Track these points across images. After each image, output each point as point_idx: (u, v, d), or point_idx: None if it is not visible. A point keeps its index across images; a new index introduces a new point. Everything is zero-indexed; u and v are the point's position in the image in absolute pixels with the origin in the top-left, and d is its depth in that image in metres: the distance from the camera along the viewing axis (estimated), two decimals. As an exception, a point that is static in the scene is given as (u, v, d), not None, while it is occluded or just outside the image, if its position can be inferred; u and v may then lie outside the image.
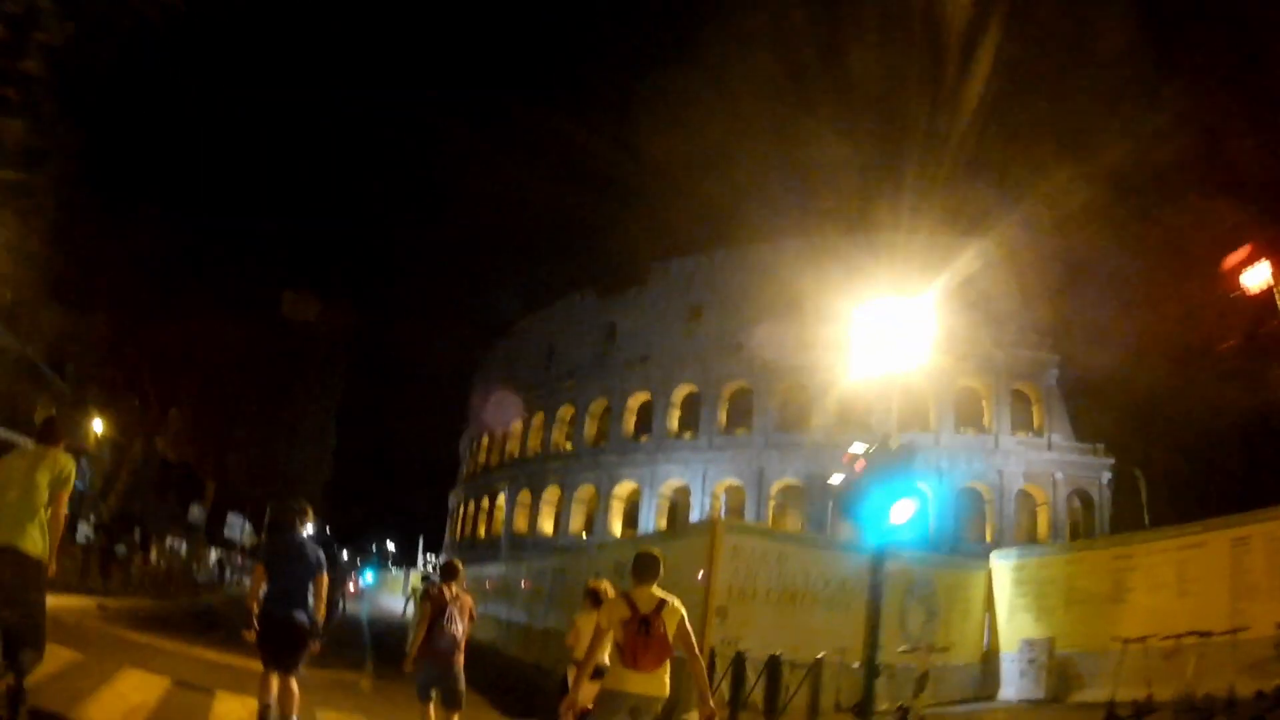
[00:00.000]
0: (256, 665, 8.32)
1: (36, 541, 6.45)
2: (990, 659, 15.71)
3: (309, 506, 9.09)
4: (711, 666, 11.68)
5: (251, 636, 7.95)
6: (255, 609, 8.03)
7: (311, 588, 8.24)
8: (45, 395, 30.84)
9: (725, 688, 11.64)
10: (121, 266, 25.57)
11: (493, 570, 32.02)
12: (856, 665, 11.36)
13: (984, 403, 44.97)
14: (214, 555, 47.74)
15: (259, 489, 43.09)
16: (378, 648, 21.58)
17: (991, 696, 14.97)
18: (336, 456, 53.21)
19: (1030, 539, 40.97)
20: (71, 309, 25.74)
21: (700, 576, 12.80)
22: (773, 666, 11.04)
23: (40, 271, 23.89)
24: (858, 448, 9.88)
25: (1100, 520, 43.12)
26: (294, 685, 8.00)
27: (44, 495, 6.53)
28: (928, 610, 14.76)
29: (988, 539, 40.59)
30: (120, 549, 25.97)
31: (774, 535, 15.27)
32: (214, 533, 48.87)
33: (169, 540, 43.69)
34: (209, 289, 28.98)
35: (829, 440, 44.43)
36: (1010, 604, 15.69)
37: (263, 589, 8.17)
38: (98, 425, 31.24)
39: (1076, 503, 44.52)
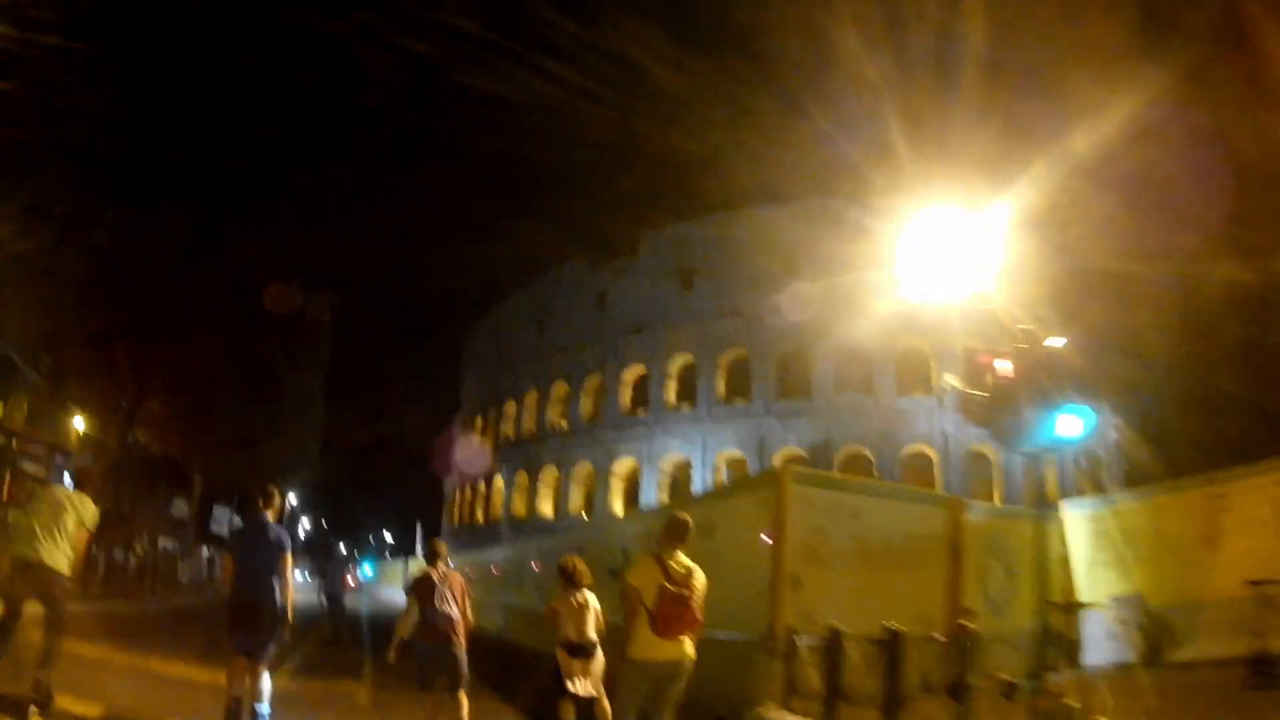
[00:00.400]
0: (224, 679, 8.04)
1: (59, 559, 7.90)
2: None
3: (274, 489, 9.06)
4: (791, 649, 9.81)
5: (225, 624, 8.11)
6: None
7: (277, 571, 8.29)
8: (19, 390, 29.18)
9: (813, 676, 9.70)
10: (93, 252, 23.90)
11: (497, 554, 30.45)
12: (943, 637, 9.78)
13: (986, 363, 43.44)
14: (205, 552, 46.18)
15: (245, 480, 41.47)
16: (378, 648, 19.68)
17: (1074, 663, 13.25)
18: (327, 446, 51.64)
19: (1039, 501, 39.70)
20: (44, 298, 24.01)
21: (765, 539, 10.83)
22: (893, 644, 9.05)
23: (8, 260, 22.29)
24: (1004, 348, 8.28)
25: (1111, 478, 41.93)
26: (265, 674, 8.09)
27: (69, 527, 8.02)
28: (1005, 567, 12.97)
29: (997, 502, 39.27)
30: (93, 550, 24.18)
31: (847, 485, 13.09)
32: (202, 528, 47.32)
33: (161, 540, 42.06)
34: (181, 271, 27.31)
35: (829, 406, 43.54)
36: (1089, 558, 13.99)
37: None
38: (78, 422, 29.51)
39: (1084, 463, 43.28)
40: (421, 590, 8.58)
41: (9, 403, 28.89)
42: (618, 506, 49.41)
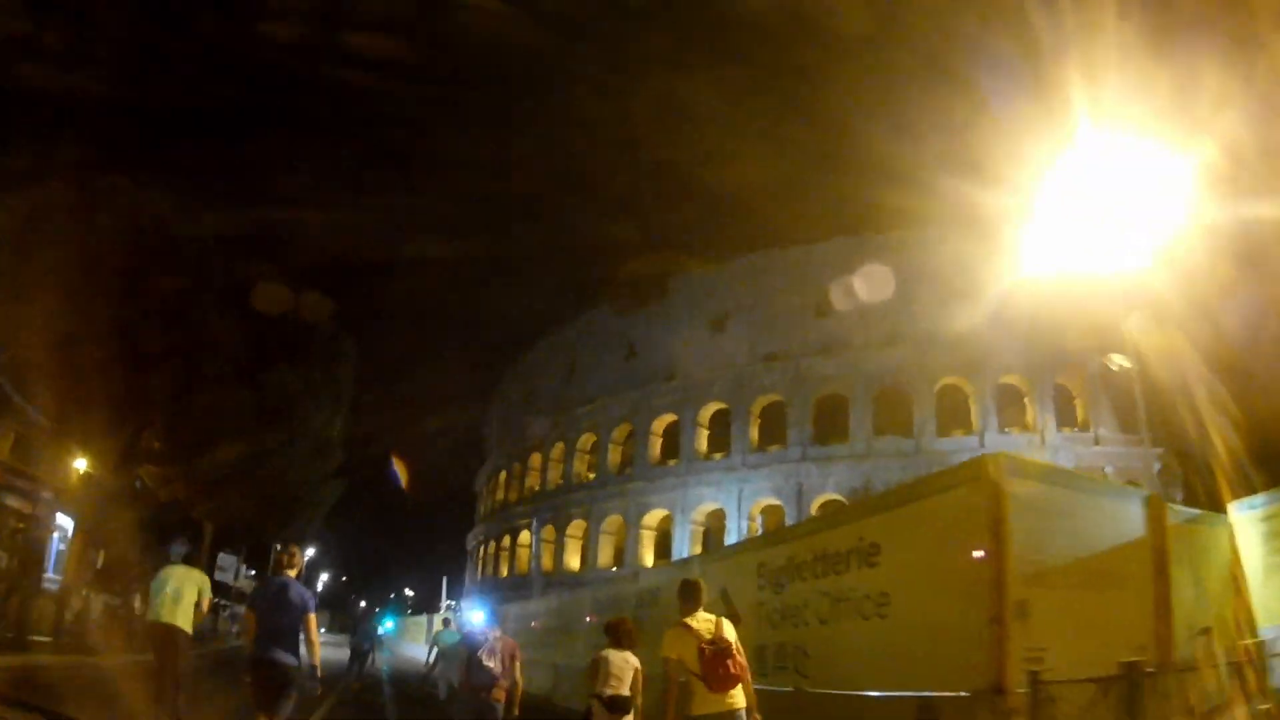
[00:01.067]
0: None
1: (182, 619, 10.28)
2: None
3: (296, 549, 9.22)
4: (1040, 702, 7.20)
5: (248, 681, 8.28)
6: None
7: (302, 630, 8.43)
8: (6, 420, 27.77)
9: None
10: (94, 275, 22.41)
11: (535, 609, 28.53)
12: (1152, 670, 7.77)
13: (1026, 399, 42.24)
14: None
15: (254, 526, 39.85)
16: (400, 703, 17.61)
17: (1262, 690, 10.79)
18: (346, 498, 50.11)
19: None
20: (43, 331, 22.43)
21: (978, 556, 8.03)
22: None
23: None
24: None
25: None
26: None
27: (191, 597, 10.42)
28: (1194, 579, 10.56)
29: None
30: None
31: (1061, 477, 9.73)
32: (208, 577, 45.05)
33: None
34: (190, 308, 25.92)
35: (868, 449, 42.26)
36: (1264, 564, 11.73)
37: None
38: (80, 464, 27.90)
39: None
40: (472, 645, 9.50)
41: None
42: (648, 559, 47.85)
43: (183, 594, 10.39)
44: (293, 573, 8.79)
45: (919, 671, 8.10)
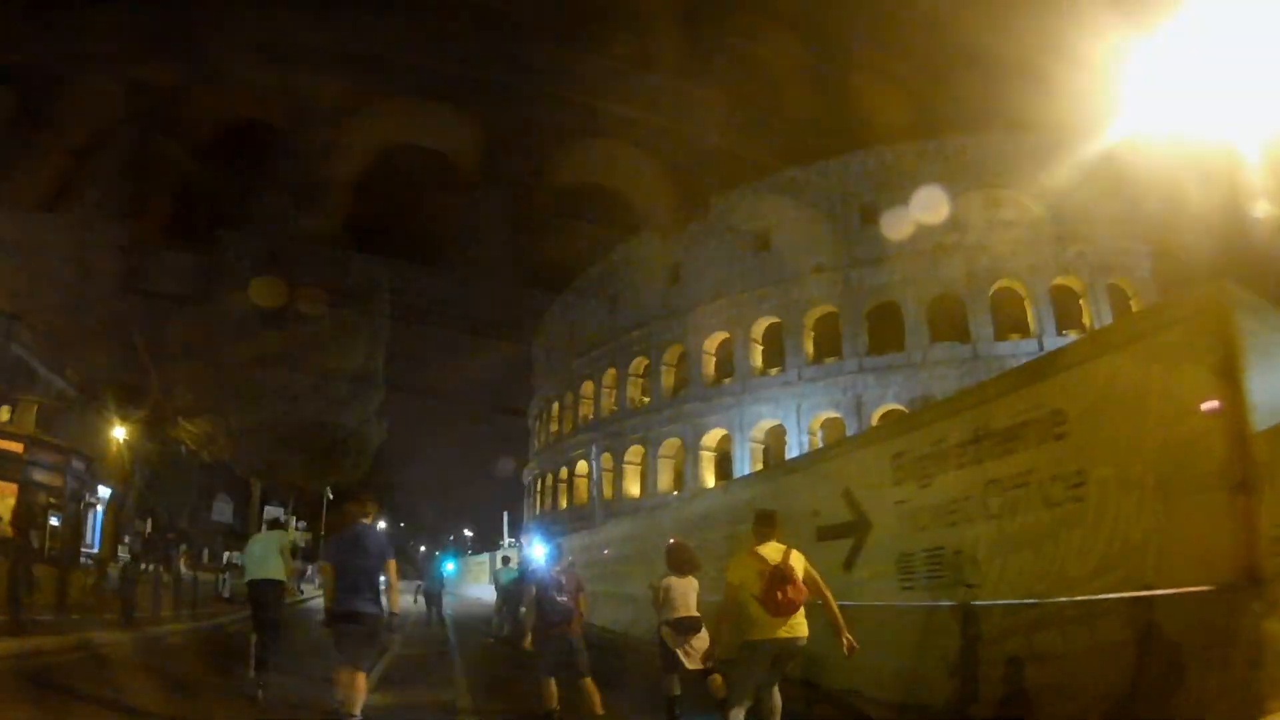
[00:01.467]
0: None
1: (275, 573, 11.84)
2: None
3: (368, 496, 9.24)
4: None
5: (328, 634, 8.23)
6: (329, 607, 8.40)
7: (383, 579, 8.41)
8: (33, 393, 27.12)
9: None
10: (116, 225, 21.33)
11: (603, 537, 27.45)
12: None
13: (1082, 301, 40.94)
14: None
15: (299, 476, 39.09)
16: (473, 667, 16.01)
17: None
18: (398, 445, 49.66)
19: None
20: (66, 296, 21.53)
21: (1209, 408, 6.06)
22: None
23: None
24: None
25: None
26: (361, 680, 8.04)
27: (277, 553, 12.00)
28: None
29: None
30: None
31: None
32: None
33: (229, 553, 39.23)
34: (213, 251, 24.93)
35: (925, 358, 41.26)
36: None
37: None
38: (120, 432, 26.90)
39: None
40: (540, 583, 9.32)
41: (18, 407, 26.97)
42: (709, 480, 47.23)
43: (270, 552, 11.93)
44: (367, 520, 8.69)
45: (1131, 565, 6.41)
